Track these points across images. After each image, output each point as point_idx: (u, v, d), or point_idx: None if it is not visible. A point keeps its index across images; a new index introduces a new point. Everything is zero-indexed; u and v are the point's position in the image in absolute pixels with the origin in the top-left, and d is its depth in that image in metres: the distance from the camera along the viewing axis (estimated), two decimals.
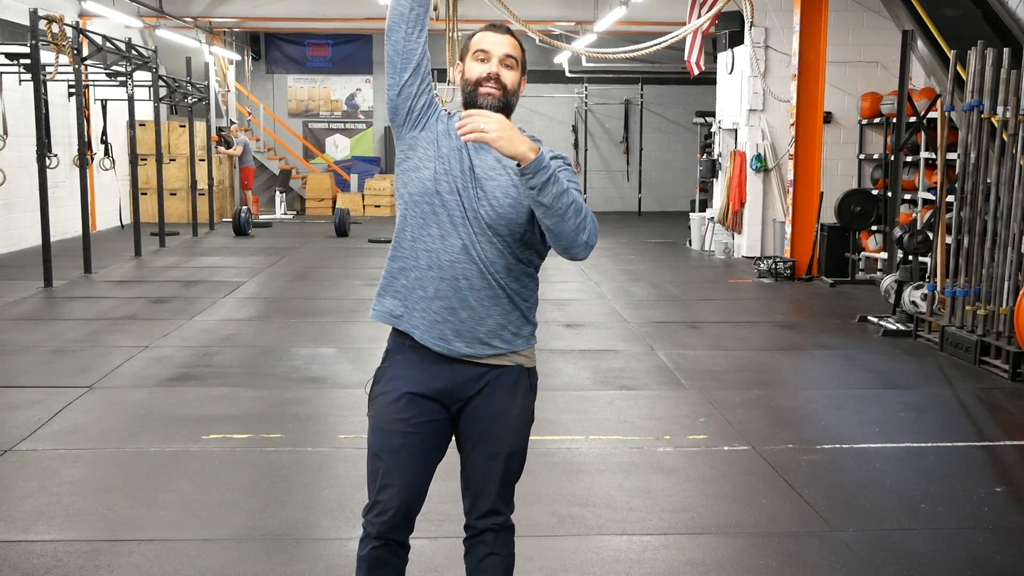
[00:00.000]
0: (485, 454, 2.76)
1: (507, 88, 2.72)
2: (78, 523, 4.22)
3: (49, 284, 10.38)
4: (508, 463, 2.78)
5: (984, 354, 7.20)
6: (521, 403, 2.78)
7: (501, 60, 2.71)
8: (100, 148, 14.82)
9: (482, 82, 2.69)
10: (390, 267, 2.78)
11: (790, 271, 11.61)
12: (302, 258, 13.47)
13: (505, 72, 2.71)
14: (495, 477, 2.76)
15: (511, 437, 2.77)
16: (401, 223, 2.75)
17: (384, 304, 2.79)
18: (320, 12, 16.80)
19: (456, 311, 2.66)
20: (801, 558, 3.94)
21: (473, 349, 2.69)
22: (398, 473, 2.71)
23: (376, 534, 2.73)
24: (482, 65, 2.70)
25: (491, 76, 2.69)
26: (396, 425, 2.71)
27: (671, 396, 6.39)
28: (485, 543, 2.79)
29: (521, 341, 2.75)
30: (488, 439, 2.75)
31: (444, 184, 2.67)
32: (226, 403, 6.10)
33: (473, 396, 2.73)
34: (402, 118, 2.74)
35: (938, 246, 8.13)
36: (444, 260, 2.66)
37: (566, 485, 4.71)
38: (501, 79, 2.70)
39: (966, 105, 7.54)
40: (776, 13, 12.91)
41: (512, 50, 2.73)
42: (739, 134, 13.74)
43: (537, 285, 2.81)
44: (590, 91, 22.46)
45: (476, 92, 2.69)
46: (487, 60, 2.70)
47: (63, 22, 10.64)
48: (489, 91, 2.69)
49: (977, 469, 5.09)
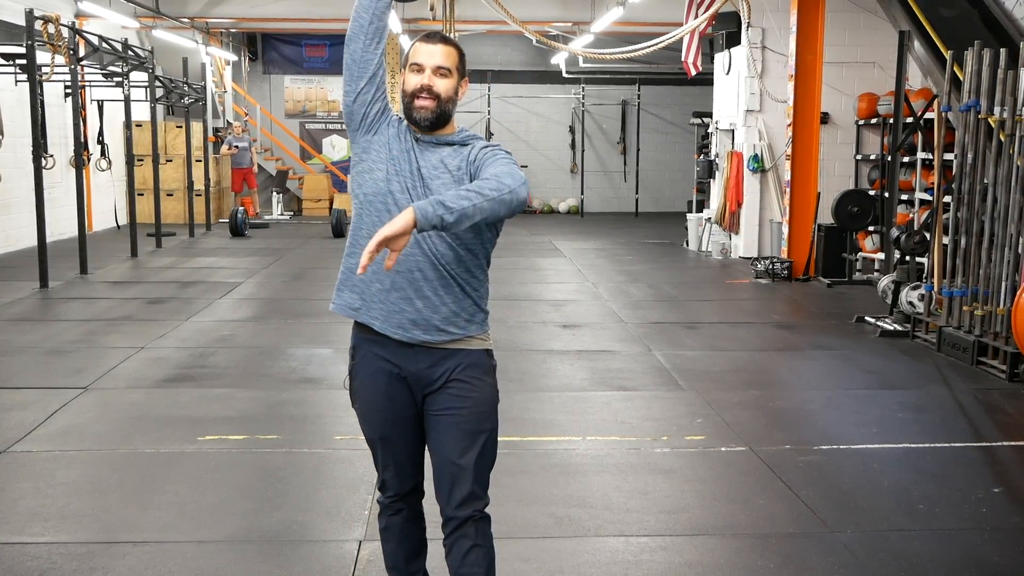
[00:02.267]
0: (462, 432, 2.86)
1: (441, 97, 2.82)
2: (73, 525, 4.21)
3: (45, 285, 10.36)
4: (486, 442, 2.89)
5: (981, 354, 7.20)
6: (488, 381, 2.92)
7: (434, 71, 2.82)
8: (96, 149, 14.79)
9: (416, 94, 2.81)
10: (347, 263, 2.92)
11: (787, 272, 11.61)
12: (299, 259, 13.46)
13: (439, 82, 2.82)
14: (472, 457, 2.85)
15: (486, 414, 2.89)
16: (357, 221, 2.89)
17: (343, 298, 2.93)
18: (317, 12, 16.79)
19: (412, 301, 2.81)
20: (799, 559, 3.92)
21: (430, 335, 2.83)
22: (391, 456, 2.96)
23: (388, 504, 3.03)
24: (416, 76, 2.82)
25: (423, 88, 2.81)
26: (379, 415, 2.94)
27: (668, 397, 6.38)
28: (467, 536, 2.84)
29: (475, 327, 2.89)
30: (465, 417, 2.86)
31: (396, 184, 2.82)
32: (222, 404, 6.08)
33: (440, 380, 2.87)
34: (357, 123, 2.89)
35: (935, 246, 8.13)
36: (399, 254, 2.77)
37: (563, 486, 4.70)
38: (434, 89, 2.81)
39: (963, 105, 7.54)
40: (773, 14, 12.91)
41: (445, 60, 2.83)
42: (736, 135, 13.74)
43: (487, 275, 2.95)
44: (587, 92, 22.46)
45: (412, 104, 2.83)
46: (421, 72, 2.82)
47: (59, 22, 10.62)
48: (423, 104, 2.81)
49: (975, 470, 5.08)
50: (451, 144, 2.87)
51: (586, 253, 14.45)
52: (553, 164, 22.92)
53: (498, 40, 21.84)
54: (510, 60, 22.48)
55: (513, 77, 22.50)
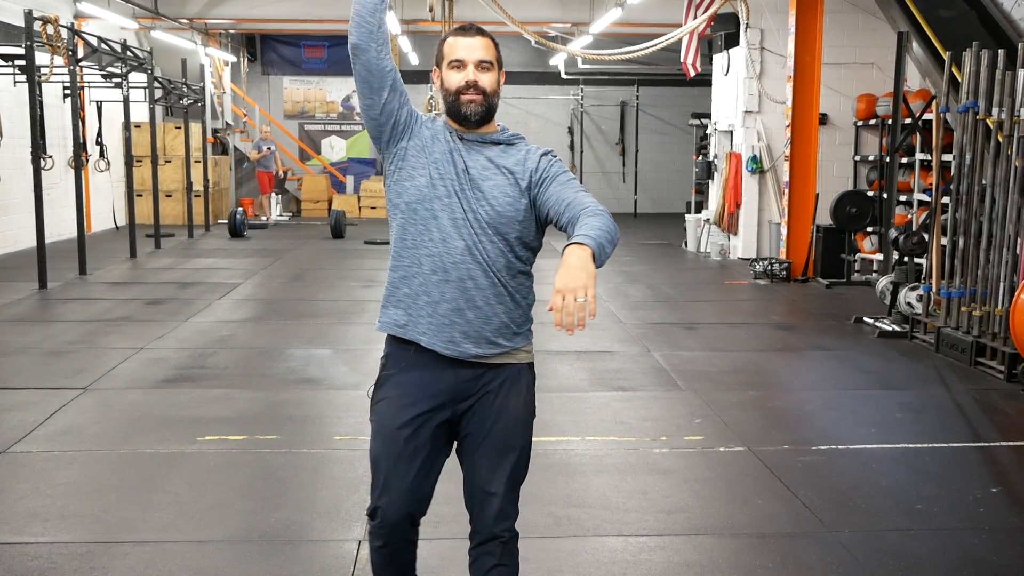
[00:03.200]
0: (495, 450, 2.75)
1: (487, 92, 2.73)
2: (73, 525, 4.21)
3: (44, 286, 10.36)
4: (518, 460, 2.79)
5: (979, 355, 7.21)
6: (525, 398, 2.81)
7: (477, 65, 2.72)
8: (95, 150, 14.79)
9: (462, 91, 2.71)
10: (392, 277, 2.79)
11: (786, 272, 11.62)
12: (298, 260, 13.46)
13: (483, 76, 2.73)
14: (504, 475, 2.75)
15: (520, 432, 2.79)
16: (400, 232, 2.76)
17: (389, 315, 2.79)
18: (316, 13, 16.79)
19: (463, 312, 2.69)
20: (797, 559, 3.93)
21: (481, 349, 2.71)
22: (398, 480, 2.72)
23: (380, 536, 2.78)
24: (459, 73, 2.72)
25: (469, 84, 2.71)
26: (399, 432, 2.72)
27: (667, 397, 6.39)
28: (492, 554, 2.76)
29: (521, 338, 2.80)
30: (496, 435, 2.75)
31: (441, 188, 2.70)
32: (221, 405, 6.08)
33: (478, 395, 2.75)
34: (387, 134, 2.77)
35: (933, 247, 8.14)
36: (448, 262, 2.69)
37: (562, 486, 4.70)
38: (480, 85, 2.71)
39: (961, 106, 7.55)
40: (771, 15, 12.93)
41: (486, 53, 2.74)
42: (735, 136, 13.75)
43: (533, 282, 2.84)
44: (586, 93, 22.48)
45: (458, 101, 2.72)
46: (463, 68, 2.72)
47: (58, 23, 10.62)
48: (471, 99, 2.71)
49: (973, 470, 5.09)
50: (497, 143, 2.77)
51: None
52: None
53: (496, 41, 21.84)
54: (509, 61, 22.28)
55: (512, 78, 22.44)
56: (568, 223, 2.62)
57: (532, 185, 2.72)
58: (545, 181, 2.72)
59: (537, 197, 2.72)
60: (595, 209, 2.59)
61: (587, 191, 2.73)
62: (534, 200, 2.73)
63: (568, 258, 2.42)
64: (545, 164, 2.74)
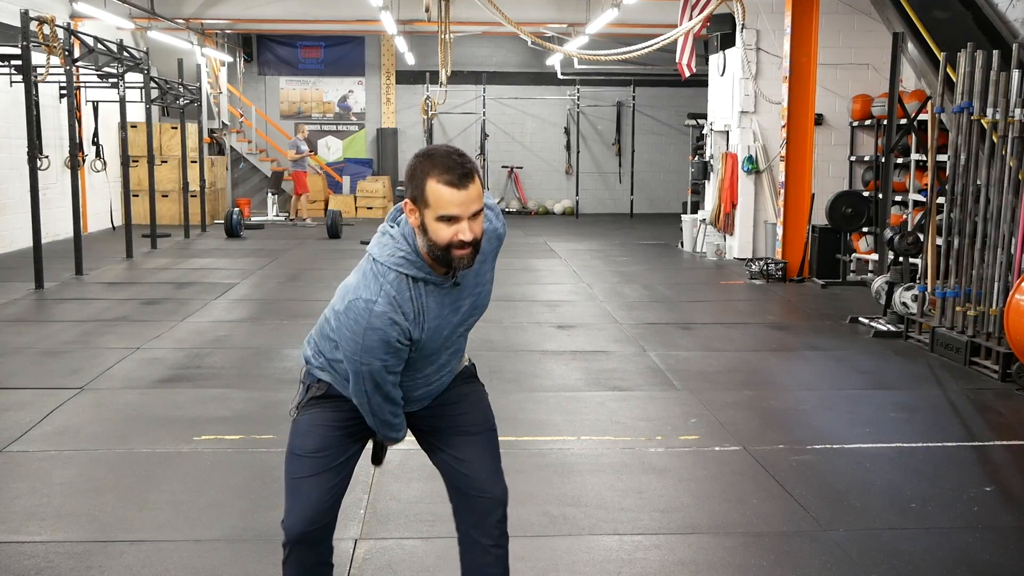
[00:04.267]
0: (472, 435, 2.91)
1: (478, 239, 2.54)
2: (69, 524, 4.22)
3: (40, 286, 10.35)
4: (494, 438, 2.96)
5: (974, 355, 7.23)
6: (477, 385, 3.01)
7: (471, 219, 2.49)
8: (91, 150, 14.79)
9: (455, 246, 2.51)
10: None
11: (781, 272, 11.64)
12: (294, 260, 13.46)
13: (476, 226, 2.52)
14: (488, 455, 2.91)
15: (485, 412, 2.97)
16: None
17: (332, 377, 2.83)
18: (312, 14, 16.79)
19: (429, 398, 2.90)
20: (792, 557, 3.95)
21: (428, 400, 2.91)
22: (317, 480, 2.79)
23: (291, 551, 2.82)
24: (450, 227, 2.48)
25: (467, 243, 2.51)
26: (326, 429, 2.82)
27: (662, 397, 6.40)
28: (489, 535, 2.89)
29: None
30: (467, 422, 2.91)
31: (438, 339, 2.71)
32: (218, 404, 6.09)
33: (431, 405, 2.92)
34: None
35: (929, 247, 8.16)
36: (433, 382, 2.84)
37: (557, 485, 4.72)
38: (474, 239, 2.52)
39: (956, 107, 7.57)
40: (767, 15, 12.95)
41: (479, 200, 2.50)
42: (731, 136, 13.77)
43: None
44: (582, 93, 22.48)
45: (450, 255, 2.52)
46: (456, 222, 2.48)
47: (54, 23, 10.62)
48: (463, 254, 2.52)
49: (967, 469, 5.11)
50: None
51: (581, 254, 14.47)
52: (548, 166, 22.94)
53: (493, 41, 21.86)
54: (505, 61, 22.50)
55: (508, 79, 22.52)
56: None
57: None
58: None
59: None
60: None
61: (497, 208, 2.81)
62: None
63: None
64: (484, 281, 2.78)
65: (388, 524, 4.23)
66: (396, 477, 4.61)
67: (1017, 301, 6.59)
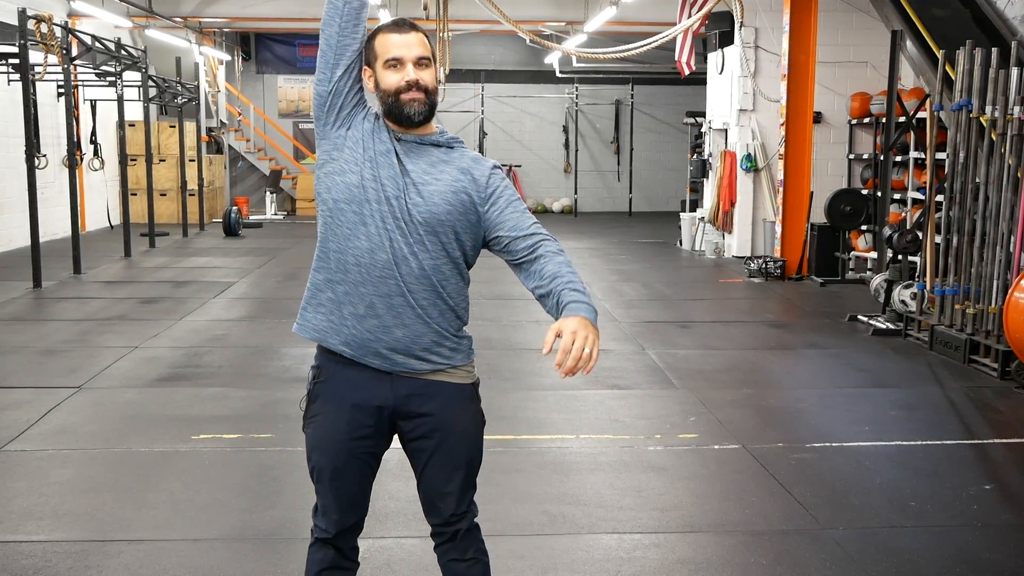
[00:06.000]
0: (444, 466, 2.67)
1: (428, 89, 2.59)
2: (67, 523, 4.21)
3: (38, 285, 10.34)
4: (468, 471, 2.71)
5: (973, 353, 7.23)
6: (472, 412, 2.72)
7: (415, 63, 2.58)
8: (89, 148, 14.77)
9: (402, 91, 2.56)
10: (315, 279, 2.70)
11: (780, 271, 11.63)
12: (292, 258, 13.45)
13: (423, 74, 2.58)
14: (455, 488, 2.68)
15: (469, 445, 2.70)
16: (324, 231, 2.66)
17: (308, 319, 2.71)
18: (310, 12, 16.78)
19: (391, 330, 2.57)
20: (791, 556, 3.94)
21: (412, 363, 2.60)
22: (338, 490, 2.70)
23: (318, 539, 2.79)
24: (397, 73, 2.57)
25: (411, 84, 2.57)
26: (337, 446, 2.66)
27: (662, 395, 6.40)
28: (457, 548, 2.73)
29: (460, 356, 2.67)
30: (445, 452, 2.66)
31: (372, 191, 2.56)
32: (216, 403, 6.08)
33: (421, 412, 2.64)
34: (330, 116, 2.64)
35: (927, 245, 8.16)
36: (375, 275, 2.57)
37: (556, 484, 4.71)
38: (421, 83, 2.57)
39: (955, 105, 7.56)
40: (766, 13, 12.94)
41: (423, 50, 2.60)
42: (729, 134, 13.76)
43: (468, 283, 2.73)
44: (581, 91, 22.48)
45: (399, 102, 2.57)
46: (401, 66, 2.57)
47: (52, 22, 10.61)
48: (413, 97, 2.57)
49: (966, 467, 5.10)
50: (437, 145, 2.64)
51: (580, 252, 14.46)
52: (547, 164, 22.94)
53: (491, 40, 21.85)
54: (503, 60, 22.49)
55: (506, 77, 22.51)
56: (530, 264, 2.61)
57: (483, 200, 2.62)
58: (498, 201, 2.62)
59: (486, 215, 2.63)
60: (559, 257, 2.59)
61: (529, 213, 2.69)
62: (482, 215, 2.63)
63: (576, 316, 2.50)
64: (496, 181, 2.63)
65: (387, 523, 4.22)
66: (395, 476, 4.60)
67: (1016, 299, 6.58)
